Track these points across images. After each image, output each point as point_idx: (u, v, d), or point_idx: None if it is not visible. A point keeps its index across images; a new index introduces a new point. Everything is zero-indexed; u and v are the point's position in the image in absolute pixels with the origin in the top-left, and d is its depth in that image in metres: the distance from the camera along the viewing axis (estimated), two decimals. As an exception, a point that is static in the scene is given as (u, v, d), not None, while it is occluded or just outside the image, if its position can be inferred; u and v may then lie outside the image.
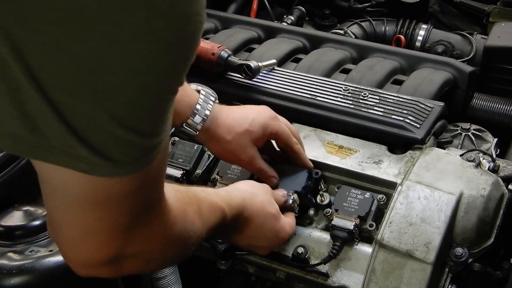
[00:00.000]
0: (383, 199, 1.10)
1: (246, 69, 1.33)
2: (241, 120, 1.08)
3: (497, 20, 1.74)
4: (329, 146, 1.22)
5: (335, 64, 1.44)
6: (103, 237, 0.68)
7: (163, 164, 0.70)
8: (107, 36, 0.50)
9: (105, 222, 0.67)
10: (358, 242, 1.10)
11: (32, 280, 1.03)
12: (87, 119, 0.54)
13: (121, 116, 0.55)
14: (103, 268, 0.72)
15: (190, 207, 0.83)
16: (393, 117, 1.23)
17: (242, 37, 1.55)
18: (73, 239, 0.70)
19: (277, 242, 1.07)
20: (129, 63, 0.52)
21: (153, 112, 0.58)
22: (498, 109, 1.48)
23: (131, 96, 0.55)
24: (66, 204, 0.66)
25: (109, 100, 0.54)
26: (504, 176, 1.15)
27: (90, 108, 0.53)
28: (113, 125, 0.55)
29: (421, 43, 1.74)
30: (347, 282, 1.08)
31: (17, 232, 1.11)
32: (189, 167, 1.23)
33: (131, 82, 0.54)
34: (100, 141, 0.56)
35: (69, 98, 0.53)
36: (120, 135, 0.56)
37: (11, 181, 1.22)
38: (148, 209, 0.71)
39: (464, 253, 1.05)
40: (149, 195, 0.70)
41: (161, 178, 0.72)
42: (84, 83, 0.52)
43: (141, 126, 0.58)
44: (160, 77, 0.56)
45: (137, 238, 0.71)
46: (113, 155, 0.57)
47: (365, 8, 1.90)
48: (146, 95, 0.56)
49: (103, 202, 0.65)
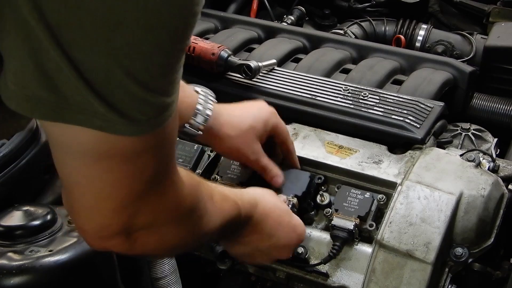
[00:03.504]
0: (383, 199, 1.10)
1: (246, 69, 1.33)
2: (243, 116, 1.09)
3: (497, 20, 1.74)
4: (329, 146, 1.22)
5: (335, 64, 1.44)
6: (116, 203, 0.69)
7: (174, 129, 0.71)
8: None
9: (118, 186, 0.67)
10: (358, 242, 1.10)
11: (32, 280, 1.03)
12: (104, 75, 0.57)
13: (136, 72, 0.58)
14: (116, 239, 0.72)
15: (202, 188, 0.83)
16: (393, 117, 1.23)
17: (242, 37, 1.55)
18: (86, 205, 0.70)
19: (296, 238, 1.06)
20: (144, 18, 0.55)
21: (165, 69, 0.61)
22: (498, 109, 1.48)
23: (145, 52, 0.57)
24: (80, 166, 0.66)
25: (126, 56, 0.56)
26: (504, 176, 1.15)
27: (107, 64, 0.56)
28: (128, 81, 0.58)
29: (421, 43, 1.74)
30: (347, 282, 1.08)
31: (17, 232, 1.11)
32: (189, 167, 1.23)
33: (146, 37, 0.56)
34: (116, 97, 0.58)
35: (87, 55, 0.55)
36: (135, 91, 0.59)
37: (11, 181, 1.22)
38: (161, 176, 0.71)
39: (464, 253, 1.05)
40: (162, 159, 0.70)
41: (173, 144, 0.73)
42: (102, 39, 0.55)
43: (155, 83, 0.60)
44: (172, 34, 0.59)
45: (150, 206, 0.71)
46: (128, 112, 0.60)
47: (365, 8, 1.90)
48: (160, 51, 0.59)
49: (118, 163, 0.65)
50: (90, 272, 1.09)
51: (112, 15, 0.54)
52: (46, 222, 1.12)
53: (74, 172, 0.68)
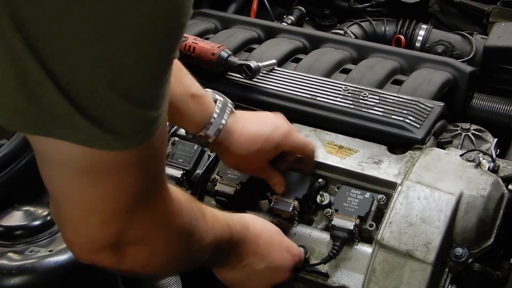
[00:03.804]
0: (383, 199, 1.10)
1: (246, 69, 1.32)
2: (256, 137, 1.07)
3: (497, 20, 1.74)
4: (329, 146, 1.22)
5: (335, 64, 1.44)
6: (104, 216, 0.67)
7: (163, 142, 0.70)
8: (108, 4, 0.50)
9: (105, 200, 0.66)
10: (358, 242, 1.10)
11: (32, 280, 1.03)
12: (86, 88, 0.54)
13: (120, 85, 0.55)
14: (104, 253, 0.71)
15: (194, 204, 0.82)
16: (393, 117, 1.23)
17: (242, 37, 1.55)
18: (73, 217, 0.69)
19: (290, 258, 1.06)
20: (128, 30, 0.52)
21: (151, 82, 0.59)
22: (498, 109, 1.48)
23: (130, 64, 0.55)
24: (65, 179, 0.65)
25: (109, 69, 0.54)
26: (504, 176, 1.15)
27: (90, 77, 0.53)
28: (112, 94, 0.55)
29: (421, 43, 1.74)
30: (347, 282, 1.08)
31: (17, 232, 1.11)
32: (189, 167, 1.23)
33: (130, 49, 0.54)
34: (100, 111, 0.55)
35: (68, 68, 0.52)
36: (120, 105, 0.56)
37: (11, 181, 1.22)
38: (149, 191, 0.69)
39: (464, 253, 1.05)
40: (149, 174, 0.68)
41: (161, 158, 0.71)
42: (83, 52, 0.52)
43: (140, 96, 0.58)
44: (158, 45, 0.56)
45: (138, 222, 0.70)
46: (113, 126, 0.57)
47: (365, 8, 1.90)
48: (145, 63, 0.56)
49: (103, 177, 0.64)
50: (90, 272, 1.09)
51: (94, 27, 0.51)
52: (46, 222, 1.12)
53: (59, 184, 0.66)
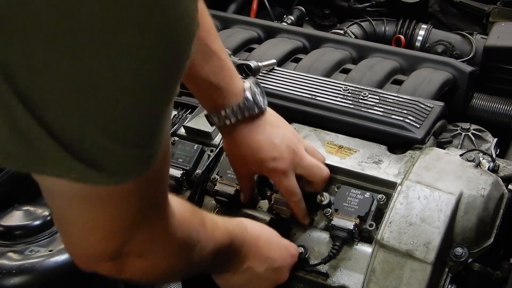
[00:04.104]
0: (383, 199, 1.10)
1: (246, 69, 1.32)
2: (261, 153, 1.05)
3: (497, 20, 1.74)
4: (329, 146, 1.22)
5: (335, 64, 1.44)
6: (103, 234, 0.69)
7: (164, 165, 0.70)
8: (97, 54, 0.49)
9: (103, 221, 0.67)
10: (358, 242, 1.10)
11: (32, 280, 1.03)
12: (78, 134, 0.53)
13: (113, 131, 0.54)
14: (105, 263, 0.72)
15: (194, 217, 0.83)
16: (393, 117, 1.22)
17: (242, 37, 1.55)
18: (74, 234, 0.70)
19: (290, 258, 1.07)
20: (120, 80, 0.51)
21: (147, 125, 0.57)
22: (498, 109, 1.48)
23: (123, 112, 0.53)
24: (64, 205, 0.67)
25: (100, 117, 0.53)
26: (504, 176, 1.15)
27: (81, 124, 0.52)
28: (105, 139, 0.54)
29: (421, 43, 1.74)
30: (347, 282, 1.08)
31: (17, 232, 1.11)
32: (189, 167, 1.23)
33: (123, 98, 0.52)
34: (92, 154, 0.55)
35: (58, 115, 0.51)
36: (113, 148, 0.55)
37: (11, 181, 1.22)
38: (149, 211, 0.70)
39: (464, 253, 1.05)
40: (150, 198, 0.69)
41: (163, 180, 0.72)
42: (73, 101, 0.51)
43: (135, 139, 0.57)
44: (153, 92, 0.55)
45: (138, 237, 0.71)
46: (106, 167, 0.56)
47: (365, 8, 1.90)
48: (139, 110, 0.55)
49: (100, 204, 0.65)
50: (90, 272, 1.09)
51: (83, 77, 0.49)
52: (46, 222, 1.12)
53: (59, 207, 0.68)
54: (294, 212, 1.12)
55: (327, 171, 1.13)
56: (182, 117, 1.32)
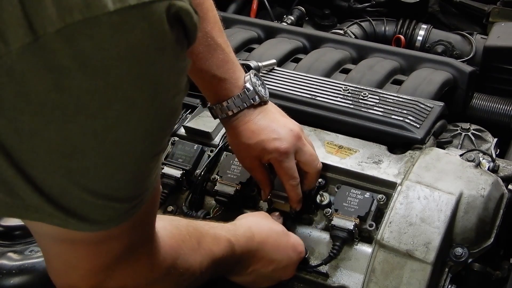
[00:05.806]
0: (383, 199, 1.10)
1: (246, 69, 1.32)
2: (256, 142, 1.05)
3: (497, 20, 1.74)
4: (329, 146, 1.22)
5: (335, 64, 1.44)
6: (84, 272, 0.70)
7: (152, 208, 0.71)
8: (83, 127, 0.51)
9: (85, 261, 0.68)
10: (358, 242, 1.10)
11: (32, 280, 1.03)
12: (61, 191, 0.55)
13: (97, 190, 0.56)
14: None
15: (186, 243, 0.82)
16: (393, 117, 1.22)
17: (242, 37, 1.55)
18: (57, 269, 0.72)
19: (297, 257, 1.07)
20: (105, 149, 0.53)
21: (131, 182, 0.59)
22: (498, 109, 1.48)
23: (107, 175, 0.55)
24: (48, 243, 0.69)
25: (84, 178, 0.54)
26: (504, 176, 1.15)
27: (64, 183, 0.54)
28: (89, 196, 0.56)
29: (421, 43, 1.74)
30: (347, 282, 1.08)
31: (17, 232, 1.11)
32: (189, 167, 1.22)
33: (107, 164, 0.54)
34: (74, 206, 0.56)
35: (42, 173, 0.53)
36: (97, 203, 0.57)
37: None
38: (133, 250, 0.71)
39: (464, 253, 1.05)
40: (134, 239, 0.70)
41: (149, 220, 0.72)
42: (56, 164, 0.53)
43: (119, 194, 0.58)
44: (138, 156, 0.56)
45: (119, 275, 0.72)
46: (88, 217, 0.58)
47: (365, 8, 1.90)
48: (124, 172, 0.57)
49: (82, 246, 0.66)
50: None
51: (67, 144, 0.52)
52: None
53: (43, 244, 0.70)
54: (289, 196, 1.10)
55: (321, 165, 1.13)
56: (182, 117, 1.32)
